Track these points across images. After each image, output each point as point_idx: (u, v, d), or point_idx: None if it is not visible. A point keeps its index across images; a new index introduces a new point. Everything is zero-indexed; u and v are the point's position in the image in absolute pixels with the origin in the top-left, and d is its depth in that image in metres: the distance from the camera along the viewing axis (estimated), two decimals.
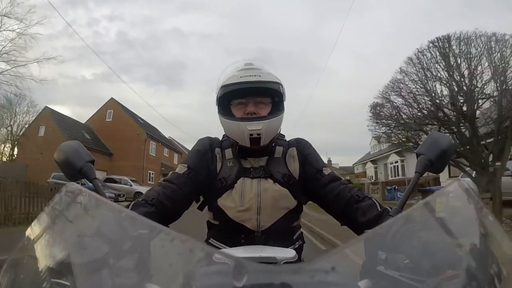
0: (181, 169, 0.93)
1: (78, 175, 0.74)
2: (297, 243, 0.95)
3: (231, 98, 0.95)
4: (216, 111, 0.98)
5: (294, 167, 0.96)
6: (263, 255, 0.71)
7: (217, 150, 0.98)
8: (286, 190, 0.93)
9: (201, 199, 1.00)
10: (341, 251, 0.34)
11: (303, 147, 1.00)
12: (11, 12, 12.95)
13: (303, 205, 0.99)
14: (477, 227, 0.42)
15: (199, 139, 1.03)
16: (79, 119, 23.89)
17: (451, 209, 0.44)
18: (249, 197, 0.90)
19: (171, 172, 0.95)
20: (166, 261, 0.37)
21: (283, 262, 0.69)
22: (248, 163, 0.96)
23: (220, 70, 0.99)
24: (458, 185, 0.42)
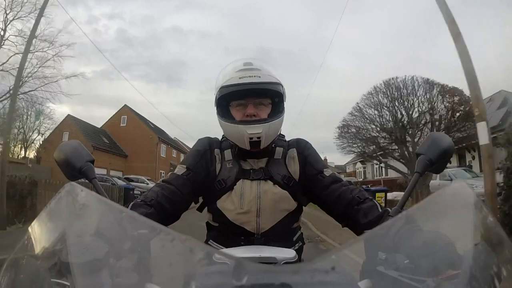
0: (180, 170, 0.92)
1: (78, 174, 0.73)
2: (297, 244, 0.95)
3: (230, 99, 0.94)
4: (215, 112, 0.97)
5: (294, 169, 0.96)
6: (263, 255, 0.71)
7: (217, 151, 0.97)
8: (286, 192, 0.92)
9: (200, 200, 1.00)
10: (341, 251, 0.34)
11: (303, 148, 1.00)
12: (43, 34, 14.42)
13: (303, 207, 0.99)
14: (477, 227, 0.42)
15: (199, 139, 1.02)
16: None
17: (451, 209, 0.44)
18: (248, 199, 0.90)
19: (170, 173, 0.94)
20: (166, 261, 0.37)
21: (283, 262, 0.69)
22: (247, 165, 0.95)
23: (219, 68, 0.98)
24: (458, 185, 0.42)
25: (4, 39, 14.54)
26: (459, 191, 0.43)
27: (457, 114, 11.41)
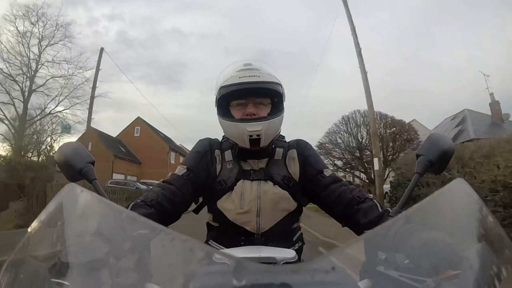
0: (181, 170, 0.92)
1: (78, 175, 0.73)
2: (297, 244, 0.95)
3: (230, 99, 0.94)
4: (215, 112, 0.97)
5: (294, 169, 0.96)
6: (263, 255, 0.71)
7: (217, 151, 0.97)
8: (286, 192, 0.92)
9: (200, 200, 1.00)
10: (341, 251, 0.34)
11: (303, 149, 1.00)
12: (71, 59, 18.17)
13: (303, 207, 0.99)
14: (477, 226, 0.42)
15: (199, 140, 1.02)
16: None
17: (451, 209, 0.44)
18: (249, 200, 0.90)
19: (171, 173, 0.94)
20: (166, 261, 0.37)
21: (283, 262, 0.69)
22: (248, 165, 0.95)
23: (219, 69, 0.98)
24: (458, 185, 0.42)
25: (40, 64, 17.44)
26: (459, 191, 0.43)
27: (398, 141, 15.40)
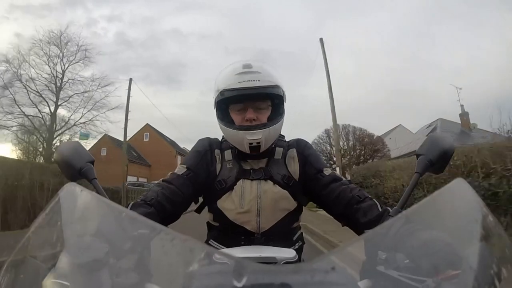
0: (180, 169, 0.92)
1: (78, 175, 0.73)
2: (297, 244, 0.95)
3: (229, 103, 0.93)
4: (215, 113, 0.96)
5: (294, 168, 0.96)
6: (263, 255, 0.71)
7: (217, 151, 0.97)
8: (286, 191, 0.92)
9: (200, 200, 1.00)
10: (341, 251, 0.34)
11: (303, 148, 1.00)
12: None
13: (303, 206, 0.99)
14: (477, 226, 0.42)
15: (199, 140, 1.02)
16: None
17: (451, 209, 0.44)
18: (249, 199, 0.90)
19: (170, 172, 0.94)
20: (166, 261, 0.37)
21: (283, 262, 0.69)
22: (248, 165, 0.95)
23: (219, 69, 0.96)
24: (458, 185, 0.42)
25: (64, 82, 19.82)
26: (460, 190, 0.43)
27: (366, 150, 18.97)
